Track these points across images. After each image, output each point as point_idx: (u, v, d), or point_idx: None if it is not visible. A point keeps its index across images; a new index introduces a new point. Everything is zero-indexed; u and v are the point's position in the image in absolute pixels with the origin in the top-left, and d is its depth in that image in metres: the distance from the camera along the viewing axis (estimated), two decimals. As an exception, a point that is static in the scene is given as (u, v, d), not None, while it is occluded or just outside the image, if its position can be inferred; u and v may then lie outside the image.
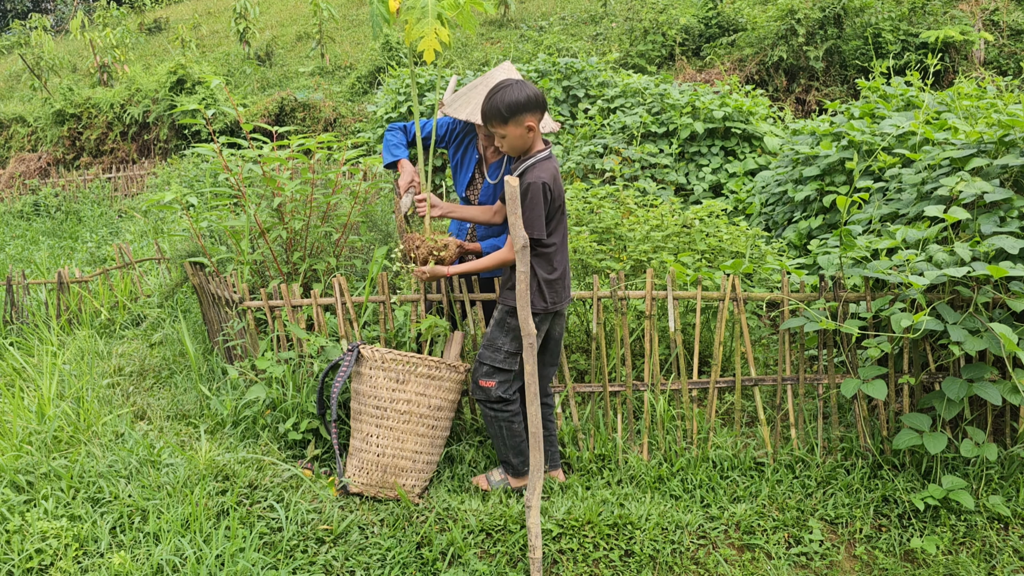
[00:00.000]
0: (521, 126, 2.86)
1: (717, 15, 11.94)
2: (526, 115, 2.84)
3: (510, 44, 13.73)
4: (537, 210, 2.83)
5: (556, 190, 2.90)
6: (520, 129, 2.87)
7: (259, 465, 3.18)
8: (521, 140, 2.90)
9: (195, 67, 13.37)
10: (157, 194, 4.05)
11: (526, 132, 2.88)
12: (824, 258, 4.29)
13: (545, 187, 2.85)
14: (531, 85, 2.87)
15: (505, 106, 2.82)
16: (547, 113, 3.14)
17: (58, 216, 11.39)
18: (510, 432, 3.10)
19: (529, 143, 2.92)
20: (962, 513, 3.06)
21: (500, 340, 3.02)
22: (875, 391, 3.10)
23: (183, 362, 4.66)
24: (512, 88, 2.84)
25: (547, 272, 2.95)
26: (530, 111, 2.84)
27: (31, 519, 2.76)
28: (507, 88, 2.84)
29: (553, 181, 2.88)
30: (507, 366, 3.02)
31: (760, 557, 2.95)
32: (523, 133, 2.88)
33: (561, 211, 2.96)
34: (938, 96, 5.57)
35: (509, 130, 2.87)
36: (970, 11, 10.95)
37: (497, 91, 2.86)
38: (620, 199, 5.09)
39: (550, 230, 2.92)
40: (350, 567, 2.79)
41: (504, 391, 3.04)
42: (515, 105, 2.82)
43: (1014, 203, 3.29)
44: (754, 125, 7.34)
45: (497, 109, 2.84)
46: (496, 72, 3.31)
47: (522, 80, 2.89)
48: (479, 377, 3.06)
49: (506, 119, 2.84)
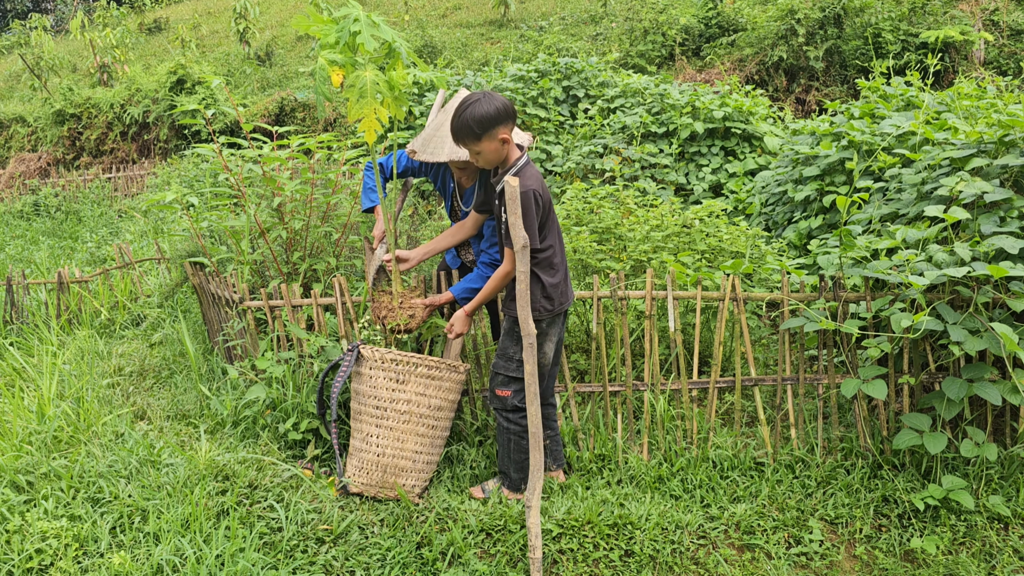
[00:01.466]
0: (495, 140, 2.81)
1: (717, 15, 11.94)
2: (498, 128, 2.79)
3: (510, 44, 13.73)
4: (529, 218, 2.79)
5: (544, 196, 2.87)
6: (494, 143, 2.82)
7: (259, 465, 3.18)
8: (496, 154, 2.85)
9: (195, 67, 13.37)
10: (157, 194, 4.06)
11: (500, 145, 2.83)
12: (824, 258, 4.29)
13: (535, 195, 2.80)
14: (498, 96, 2.81)
15: (476, 122, 2.76)
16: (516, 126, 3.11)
17: (58, 216, 11.39)
18: (518, 447, 3.10)
19: (504, 155, 2.87)
20: (962, 513, 3.06)
21: (511, 349, 3.01)
22: (875, 391, 3.10)
23: (183, 362, 4.66)
24: (480, 103, 2.78)
25: (550, 276, 2.94)
26: (501, 123, 2.79)
27: (31, 519, 2.76)
28: (475, 103, 2.78)
29: (540, 187, 2.84)
30: (521, 374, 3.02)
31: (760, 557, 2.95)
32: (497, 147, 2.83)
33: (550, 214, 2.94)
34: (938, 96, 5.57)
35: (483, 146, 2.82)
36: (970, 11, 10.95)
37: (465, 107, 2.79)
38: (620, 199, 5.09)
39: (543, 235, 2.89)
40: (350, 567, 2.79)
41: (520, 400, 3.04)
42: (486, 120, 2.76)
43: (1014, 203, 3.29)
44: (754, 125, 7.34)
45: (468, 126, 2.78)
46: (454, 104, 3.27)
47: (488, 92, 2.83)
48: (495, 387, 3.07)
49: (479, 135, 2.79)
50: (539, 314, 2.95)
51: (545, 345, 3.04)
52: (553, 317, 3.01)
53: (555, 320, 3.03)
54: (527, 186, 2.78)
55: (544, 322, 2.98)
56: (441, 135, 3.21)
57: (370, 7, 18.77)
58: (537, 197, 2.81)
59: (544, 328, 3.00)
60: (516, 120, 2.87)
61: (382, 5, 18.71)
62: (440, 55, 12.98)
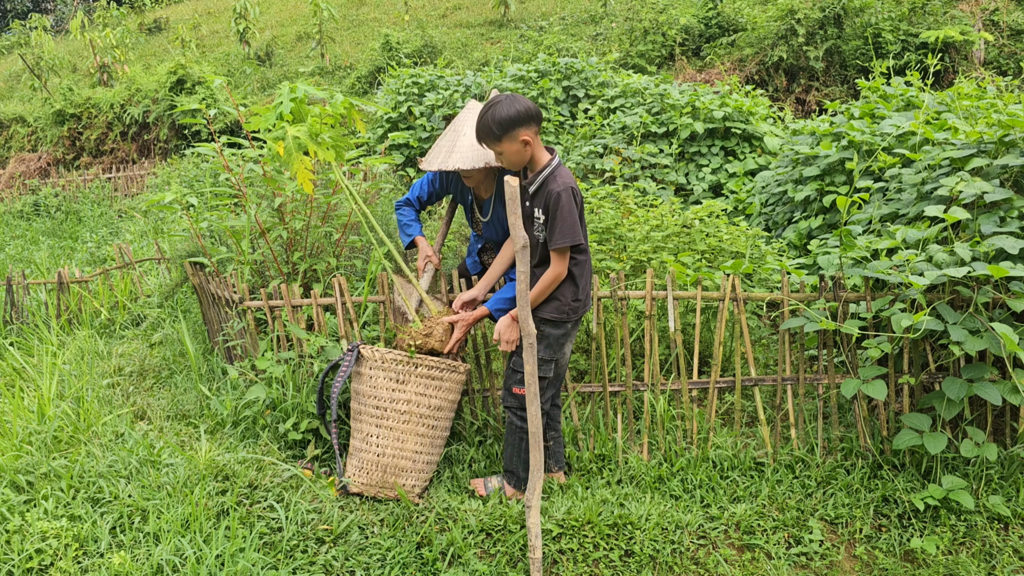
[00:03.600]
0: (516, 141, 2.83)
1: (717, 15, 11.94)
2: (519, 129, 2.81)
3: (510, 44, 13.73)
4: (572, 216, 2.81)
5: (579, 194, 2.90)
6: (515, 144, 2.84)
7: (259, 465, 3.18)
8: (518, 155, 2.87)
9: (195, 67, 13.37)
10: (157, 194, 4.06)
11: (522, 147, 2.85)
12: (824, 258, 4.29)
13: (574, 192, 2.84)
14: (522, 99, 2.84)
15: (496, 123, 2.79)
16: None
17: (58, 216, 11.38)
18: (527, 447, 3.10)
19: (529, 156, 2.89)
20: (962, 513, 3.06)
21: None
22: (875, 391, 3.10)
23: (183, 362, 4.66)
24: (502, 104, 2.81)
25: (583, 280, 2.98)
26: (523, 125, 2.81)
27: (31, 519, 2.76)
28: (498, 104, 2.81)
29: (576, 185, 2.87)
30: (541, 374, 3.03)
31: (760, 557, 2.95)
32: (519, 148, 2.85)
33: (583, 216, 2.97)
34: (938, 96, 5.57)
35: (504, 146, 2.84)
36: (970, 11, 10.95)
37: (488, 108, 2.83)
38: (620, 199, 5.09)
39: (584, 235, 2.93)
40: (350, 567, 2.79)
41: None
42: (506, 121, 2.79)
43: (1014, 203, 3.29)
44: (754, 125, 7.34)
45: (488, 127, 2.82)
46: (463, 115, 3.30)
47: (512, 95, 2.86)
48: (512, 384, 3.07)
49: (499, 136, 2.81)
50: (567, 316, 2.98)
51: (566, 346, 3.06)
52: (578, 320, 3.04)
53: (578, 322, 3.06)
54: (564, 184, 2.82)
55: (570, 323, 3.01)
56: (439, 146, 3.26)
57: (370, 7, 18.78)
58: (575, 194, 2.85)
59: (568, 329, 3.02)
60: (541, 122, 2.89)
61: (382, 5, 18.72)
62: (440, 55, 12.98)
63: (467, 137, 3.19)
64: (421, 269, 3.40)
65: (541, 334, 2.98)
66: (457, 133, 3.25)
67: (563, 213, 2.81)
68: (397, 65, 12.25)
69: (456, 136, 3.25)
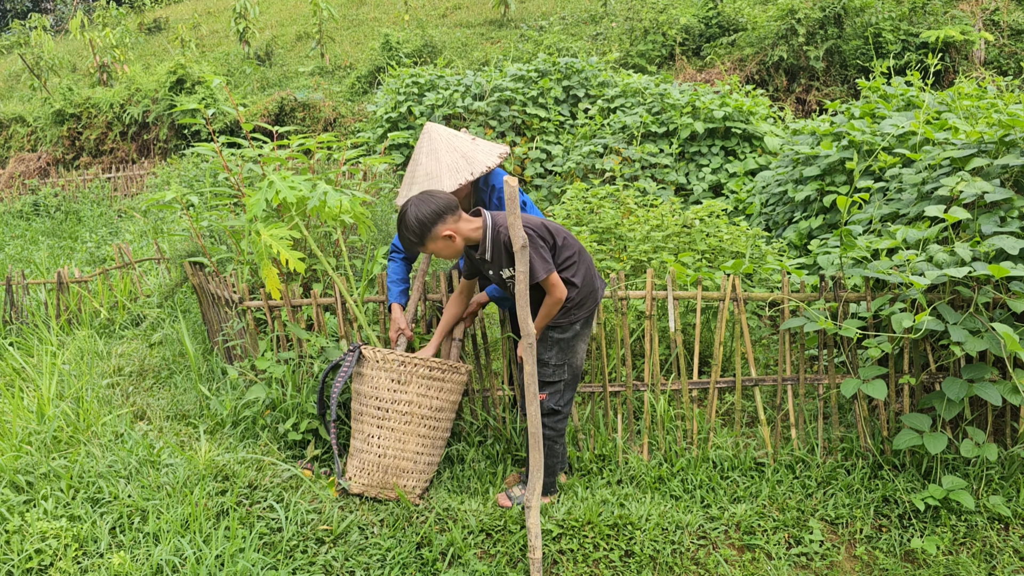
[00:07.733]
0: (438, 240, 2.82)
1: (717, 15, 11.94)
2: (436, 228, 2.79)
3: (510, 44, 13.72)
4: (535, 245, 2.79)
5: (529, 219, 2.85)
6: (439, 242, 2.83)
7: (259, 465, 3.18)
8: (449, 249, 2.86)
9: (195, 67, 13.36)
10: (157, 194, 4.05)
11: (448, 241, 2.83)
12: (824, 258, 4.28)
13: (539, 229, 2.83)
14: (428, 198, 2.79)
15: (412, 232, 2.79)
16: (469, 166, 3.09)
17: (58, 216, 11.38)
18: (551, 452, 3.10)
19: (460, 244, 2.86)
20: (962, 513, 3.06)
21: (546, 354, 3.02)
22: (875, 391, 3.10)
23: (183, 362, 4.66)
24: (411, 209, 2.79)
25: (580, 275, 2.97)
26: (438, 223, 2.79)
27: (31, 519, 2.76)
28: (407, 212, 2.79)
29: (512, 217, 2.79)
30: (556, 378, 3.04)
31: (760, 557, 2.94)
32: (446, 243, 2.84)
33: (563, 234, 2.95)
34: (938, 96, 5.56)
35: (432, 247, 2.85)
36: (970, 11, 10.95)
37: (401, 220, 2.81)
38: (620, 199, 5.09)
39: (556, 256, 2.90)
40: (350, 567, 2.79)
41: (555, 402, 3.05)
42: (419, 227, 2.78)
43: (1014, 203, 3.28)
44: (754, 125, 7.34)
45: (406, 238, 2.83)
46: (420, 141, 3.24)
47: (420, 196, 2.81)
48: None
49: (422, 241, 2.82)
50: (571, 317, 2.99)
51: (578, 347, 3.06)
52: (587, 318, 3.04)
53: (588, 320, 3.07)
54: (506, 227, 2.75)
55: (578, 323, 3.01)
56: (406, 183, 3.22)
57: (370, 7, 18.77)
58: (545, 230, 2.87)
59: (578, 330, 3.03)
60: (456, 211, 2.83)
61: (382, 5, 18.71)
62: (440, 55, 12.97)
63: (423, 166, 3.14)
64: (394, 341, 3.32)
65: (551, 339, 3.00)
66: (415, 163, 3.21)
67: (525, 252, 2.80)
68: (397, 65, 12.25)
69: (414, 167, 3.21)
